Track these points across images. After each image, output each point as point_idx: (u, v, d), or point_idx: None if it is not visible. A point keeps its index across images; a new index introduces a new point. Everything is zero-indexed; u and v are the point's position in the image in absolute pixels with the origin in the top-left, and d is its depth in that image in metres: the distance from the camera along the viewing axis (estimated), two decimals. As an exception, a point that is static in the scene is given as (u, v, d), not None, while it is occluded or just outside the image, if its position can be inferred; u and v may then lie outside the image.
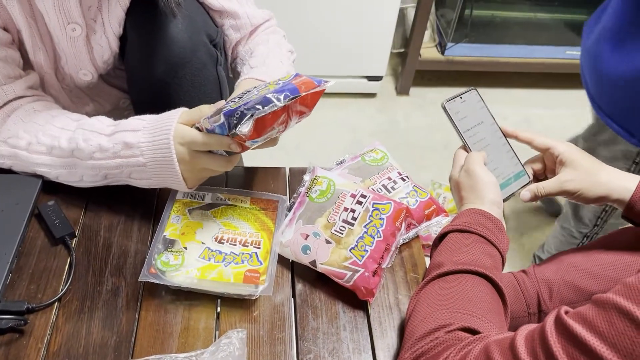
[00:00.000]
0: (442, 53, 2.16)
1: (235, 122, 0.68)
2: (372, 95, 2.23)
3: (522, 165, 0.86)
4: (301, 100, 0.73)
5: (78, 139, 0.78)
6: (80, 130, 0.79)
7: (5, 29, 0.82)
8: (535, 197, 0.85)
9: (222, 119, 0.69)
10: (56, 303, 0.74)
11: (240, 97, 0.71)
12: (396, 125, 2.15)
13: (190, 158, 0.75)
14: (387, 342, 0.74)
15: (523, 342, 0.54)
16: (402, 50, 2.25)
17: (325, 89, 0.74)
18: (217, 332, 0.73)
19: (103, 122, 0.80)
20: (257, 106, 0.67)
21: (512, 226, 1.84)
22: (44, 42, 0.87)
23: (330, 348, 0.73)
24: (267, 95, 0.68)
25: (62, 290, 0.75)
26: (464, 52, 2.17)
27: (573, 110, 2.26)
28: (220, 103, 0.74)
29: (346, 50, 2.04)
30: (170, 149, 0.74)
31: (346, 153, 0.94)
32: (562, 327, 0.51)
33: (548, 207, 1.88)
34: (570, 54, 2.19)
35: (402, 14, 2.22)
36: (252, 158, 1.30)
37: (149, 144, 0.75)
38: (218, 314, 0.75)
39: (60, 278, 0.77)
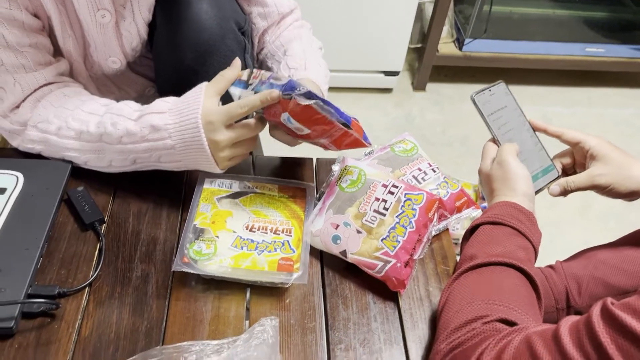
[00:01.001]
0: (460, 49, 2.15)
1: (297, 89, 0.70)
2: (388, 90, 2.22)
3: (551, 160, 0.85)
4: (343, 135, 0.75)
5: (106, 123, 0.78)
6: (109, 115, 0.79)
7: (36, 16, 0.82)
8: (564, 192, 0.84)
9: (287, 80, 0.71)
10: (87, 288, 0.74)
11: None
12: (412, 120, 2.14)
13: (224, 134, 0.75)
14: (418, 334, 0.74)
15: (567, 333, 0.53)
16: (419, 45, 2.24)
17: (362, 145, 0.79)
18: (248, 321, 0.73)
19: (131, 107, 0.80)
20: (322, 99, 0.69)
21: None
22: (74, 29, 0.87)
23: (361, 339, 0.72)
24: (331, 103, 0.71)
25: (92, 276, 0.75)
26: (481, 48, 2.15)
27: (591, 108, 2.24)
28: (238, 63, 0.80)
29: (363, 44, 2.02)
30: (199, 129, 0.73)
31: (361, 149, 0.94)
32: (610, 318, 0.50)
33: None
34: (589, 51, 2.17)
35: (419, 8, 2.21)
36: (269, 152, 1.29)
37: (176, 125, 0.75)
38: (248, 302, 0.75)
39: (90, 263, 0.77)
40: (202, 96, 0.74)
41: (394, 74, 2.14)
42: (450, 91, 2.26)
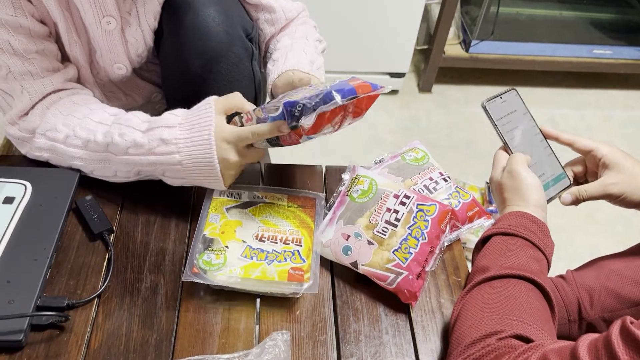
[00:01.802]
0: (467, 50, 2.14)
1: (297, 114, 0.67)
2: (394, 92, 2.21)
3: (562, 167, 0.84)
4: (357, 102, 0.71)
5: (114, 133, 0.77)
6: (117, 125, 0.78)
7: (42, 22, 0.81)
8: (576, 201, 0.83)
9: (282, 109, 0.68)
10: (96, 299, 0.73)
11: (290, 95, 0.70)
12: (418, 122, 2.13)
13: (234, 155, 0.75)
14: (430, 347, 0.73)
15: (586, 352, 0.52)
16: (425, 46, 2.23)
17: (380, 94, 0.73)
18: (258, 333, 0.72)
19: (140, 118, 0.79)
20: (320, 101, 0.66)
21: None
22: (80, 36, 0.86)
23: (372, 352, 0.72)
24: (330, 92, 0.67)
25: (101, 287, 0.74)
26: (488, 49, 2.14)
27: (598, 110, 2.23)
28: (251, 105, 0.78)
29: (370, 45, 2.02)
30: (211, 146, 0.73)
31: (367, 150, 0.93)
32: (629, 337, 0.49)
33: None
34: (597, 53, 2.16)
35: (426, 9, 2.20)
36: (274, 155, 1.28)
37: (187, 140, 0.74)
38: (258, 314, 0.74)
39: (99, 274, 0.76)
40: (213, 112, 0.74)
41: (400, 75, 2.13)
42: (457, 93, 2.25)
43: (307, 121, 0.67)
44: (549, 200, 0.81)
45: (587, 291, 0.88)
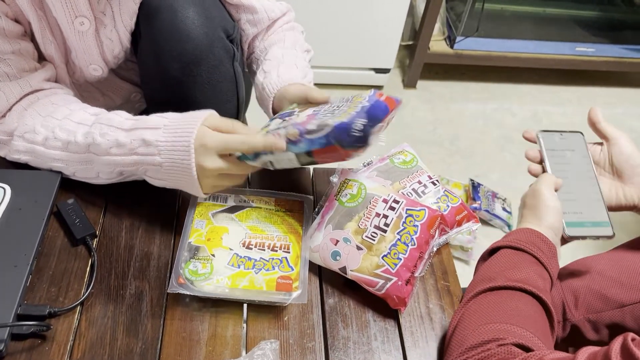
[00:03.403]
0: (452, 47, 2.13)
1: (356, 134, 0.68)
2: (378, 87, 2.20)
3: (609, 217, 0.81)
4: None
5: (95, 133, 0.75)
6: (98, 125, 0.76)
7: (16, 21, 0.78)
8: None
9: (329, 130, 0.69)
10: (78, 307, 0.72)
11: (318, 113, 0.73)
12: (402, 118, 2.13)
13: (213, 162, 0.71)
14: (419, 353, 0.73)
15: None
16: (410, 42, 2.22)
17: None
18: (246, 340, 0.71)
19: (122, 116, 0.77)
20: (369, 122, 0.68)
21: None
22: (54, 35, 0.83)
23: (361, 358, 0.71)
24: (370, 110, 0.69)
25: (84, 294, 0.72)
26: (473, 46, 2.14)
27: (580, 107, 2.24)
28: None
29: (354, 41, 2.00)
30: (190, 152, 0.70)
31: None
32: (629, 356, 0.49)
33: None
34: (580, 50, 2.17)
35: (411, 5, 2.19)
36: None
37: (168, 143, 0.72)
38: (245, 321, 0.73)
39: (81, 280, 0.74)
40: (201, 120, 0.71)
41: (385, 71, 2.12)
42: (441, 89, 2.25)
43: (373, 140, 0.69)
44: (578, 238, 0.79)
45: (572, 292, 0.89)
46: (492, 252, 0.73)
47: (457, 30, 2.11)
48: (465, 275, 0.82)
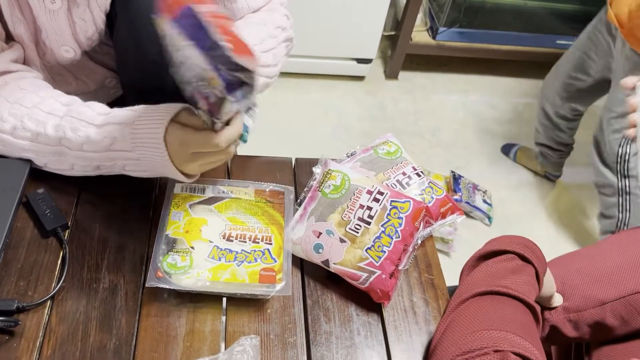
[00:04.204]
0: (434, 37, 2.12)
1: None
2: (360, 78, 2.19)
3: None
4: None
5: (65, 127, 0.71)
6: (68, 118, 0.72)
7: None
8: None
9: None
10: (49, 302, 0.68)
11: None
12: (384, 109, 2.11)
13: (181, 146, 0.68)
14: (402, 347, 0.71)
15: None
16: (392, 32, 2.20)
17: None
18: (225, 335, 0.69)
19: (94, 110, 0.73)
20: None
21: (499, 216, 1.83)
22: (24, 14, 0.79)
23: (344, 354, 0.69)
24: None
25: (55, 288, 0.69)
26: (455, 37, 2.13)
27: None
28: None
29: (336, 31, 1.97)
30: (161, 148, 0.67)
31: (334, 136, 0.89)
32: None
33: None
34: (560, 44, 2.18)
35: (394, -5, 2.17)
36: (243, 150, 1.23)
37: (139, 139, 0.69)
38: (224, 315, 0.71)
39: (52, 274, 0.71)
40: (171, 115, 0.68)
41: (367, 61, 2.10)
42: (423, 80, 2.24)
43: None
44: None
45: None
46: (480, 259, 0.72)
47: (440, 22, 2.10)
48: (445, 266, 0.80)
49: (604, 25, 1.51)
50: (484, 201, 1.81)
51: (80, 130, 0.70)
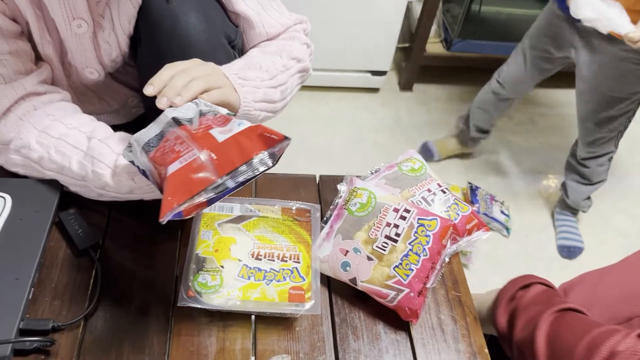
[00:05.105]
0: (448, 49, 2.13)
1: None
2: (375, 90, 2.19)
3: None
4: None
5: (87, 167, 0.73)
6: (89, 158, 0.73)
7: (14, 20, 0.76)
8: None
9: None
10: (82, 321, 0.69)
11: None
12: (399, 121, 2.12)
13: None
14: (431, 365, 0.71)
15: None
16: (407, 45, 2.21)
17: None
18: (255, 354, 0.69)
19: (114, 149, 0.73)
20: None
21: (517, 227, 1.83)
22: (52, 36, 0.80)
23: (373, 372, 0.70)
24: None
25: (88, 307, 0.70)
26: (469, 48, 2.14)
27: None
28: None
29: (351, 44, 1.99)
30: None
31: (351, 149, 0.89)
32: None
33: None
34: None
35: (407, 7, 2.18)
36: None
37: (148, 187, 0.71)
38: (254, 333, 0.71)
39: (85, 293, 0.72)
40: None
41: (382, 73, 2.11)
42: (437, 92, 2.25)
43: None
44: None
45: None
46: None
47: (454, 33, 2.10)
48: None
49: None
50: (502, 212, 1.81)
51: (98, 174, 0.72)
